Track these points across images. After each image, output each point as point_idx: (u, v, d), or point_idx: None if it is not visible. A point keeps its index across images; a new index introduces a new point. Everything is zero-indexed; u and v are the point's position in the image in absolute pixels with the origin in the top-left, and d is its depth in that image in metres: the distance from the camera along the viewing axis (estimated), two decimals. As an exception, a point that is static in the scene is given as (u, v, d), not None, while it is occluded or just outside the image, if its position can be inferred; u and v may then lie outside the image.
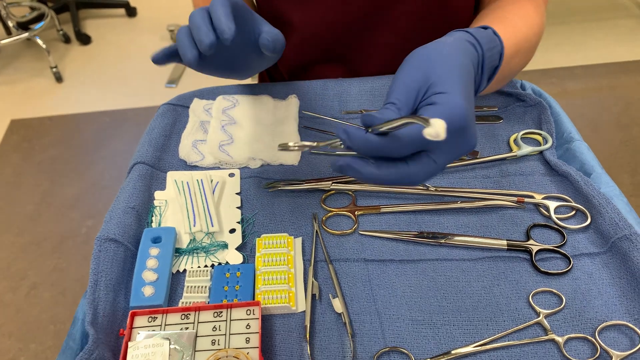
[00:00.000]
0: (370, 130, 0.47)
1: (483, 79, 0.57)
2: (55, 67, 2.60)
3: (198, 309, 0.54)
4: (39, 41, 2.61)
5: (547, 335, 0.53)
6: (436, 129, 0.40)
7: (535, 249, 0.60)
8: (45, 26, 2.70)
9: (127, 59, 2.78)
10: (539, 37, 0.72)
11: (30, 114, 2.45)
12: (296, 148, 0.53)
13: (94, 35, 2.95)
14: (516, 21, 0.68)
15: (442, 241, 0.62)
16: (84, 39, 2.88)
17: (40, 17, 2.76)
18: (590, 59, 2.57)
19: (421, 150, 0.48)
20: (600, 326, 0.53)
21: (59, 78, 2.62)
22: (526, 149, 0.71)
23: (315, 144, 0.53)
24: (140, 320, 0.54)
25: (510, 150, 0.72)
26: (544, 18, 0.74)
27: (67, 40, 2.89)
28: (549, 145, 0.71)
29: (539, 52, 0.76)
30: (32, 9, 2.87)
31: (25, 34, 2.60)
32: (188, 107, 0.80)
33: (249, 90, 0.82)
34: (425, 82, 0.49)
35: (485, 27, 0.60)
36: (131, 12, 3.09)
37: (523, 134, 0.73)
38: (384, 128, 0.45)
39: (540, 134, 0.73)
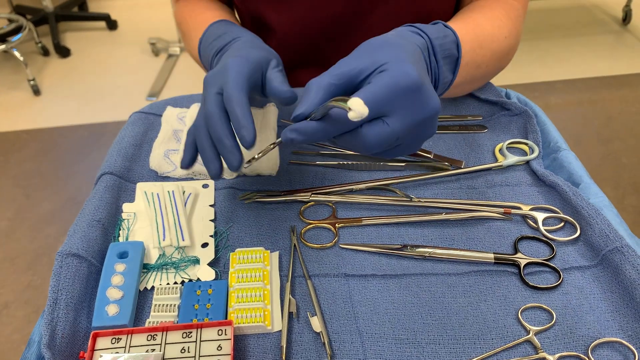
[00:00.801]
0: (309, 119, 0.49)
1: (440, 66, 0.57)
2: (33, 79, 2.55)
3: (165, 329, 0.51)
4: (17, 53, 2.56)
5: (537, 353, 0.50)
6: (356, 109, 0.41)
7: (523, 262, 0.58)
8: (23, 38, 2.65)
9: (108, 72, 2.74)
10: (511, 41, 0.71)
11: (6, 128, 2.39)
12: (260, 155, 0.54)
13: (73, 48, 2.91)
14: (479, 19, 0.67)
15: (427, 255, 0.59)
16: (63, 52, 2.83)
17: (18, 30, 2.71)
18: (571, 74, 2.60)
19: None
20: (593, 343, 0.50)
21: (36, 91, 2.57)
22: (512, 158, 0.69)
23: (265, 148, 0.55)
24: (102, 342, 0.50)
25: (496, 160, 0.70)
26: (518, 24, 0.72)
27: (45, 52, 2.85)
28: (535, 155, 0.69)
29: (521, 66, 0.75)
30: (10, 21, 2.82)
31: (2, 46, 2.56)
32: (160, 116, 0.76)
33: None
34: (372, 63, 0.49)
35: (434, 23, 0.61)
36: (112, 25, 3.06)
37: (509, 144, 0.71)
38: (319, 114, 0.46)
39: (526, 144, 0.71)
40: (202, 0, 0.82)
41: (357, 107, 0.41)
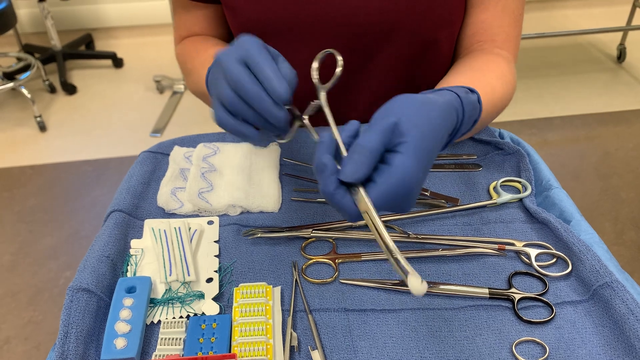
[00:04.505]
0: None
1: (449, 141, 0.59)
2: (40, 116, 2.60)
3: (171, 362, 0.52)
4: (24, 91, 2.62)
5: (531, 386, 0.52)
6: (415, 290, 0.44)
7: (517, 297, 0.59)
8: (31, 76, 2.72)
9: (113, 109, 2.79)
10: (512, 95, 0.75)
11: (11, 163, 2.43)
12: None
13: (79, 86, 2.97)
14: (495, 83, 0.70)
15: (424, 290, 0.61)
16: (70, 89, 2.89)
17: (26, 68, 2.78)
18: (568, 110, 2.64)
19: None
20: (585, 377, 0.52)
21: (42, 127, 2.62)
22: (506, 196, 0.71)
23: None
24: (110, 375, 0.52)
25: (490, 197, 0.73)
26: (515, 77, 0.77)
27: (52, 90, 2.91)
28: (528, 192, 0.71)
29: (520, 103, 0.79)
30: (19, 59, 2.90)
31: (10, 84, 2.62)
32: (168, 155, 0.79)
33: (230, 138, 0.82)
34: (398, 135, 0.49)
35: (472, 90, 0.62)
36: (118, 63, 3.13)
37: (502, 182, 0.74)
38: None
39: (519, 182, 0.74)
40: (206, 41, 0.86)
41: (415, 288, 0.44)
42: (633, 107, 2.66)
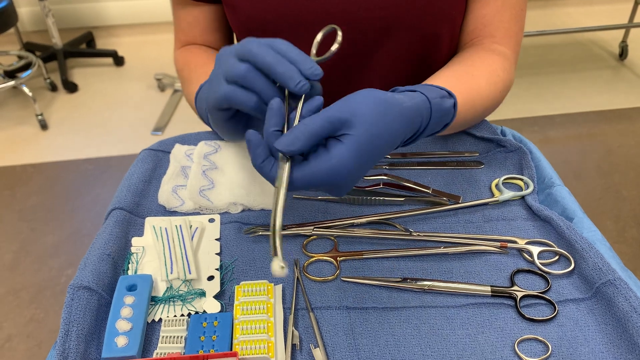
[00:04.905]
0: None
1: (414, 139, 0.59)
2: (41, 114, 2.60)
3: (172, 360, 0.52)
4: (25, 89, 2.62)
5: (534, 384, 0.52)
6: (275, 272, 0.49)
7: (519, 295, 0.59)
8: (33, 74, 2.72)
9: (114, 107, 2.79)
10: (504, 93, 0.75)
11: (13, 162, 2.43)
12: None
13: (81, 84, 2.97)
14: (481, 83, 0.71)
15: (426, 287, 0.61)
16: (71, 87, 2.89)
17: (27, 66, 2.78)
18: (569, 108, 2.64)
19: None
20: (588, 375, 0.52)
21: (44, 126, 2.62)
22: (508, 194, 0.71)
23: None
24: (111, 373, 0.52)
25: (492, 195, 0.72)
26: (512, 74, 0.77)
27: (53, 88, 2.91)
28: (530, 190, 0.71)
29: (521, 101, 0.79)
30: (20, 57, 2.90)
31: (12, 82, 2.62)
32: (169, 153, 0.79)
33: (231, 136, 0.82)
34: (347, 126, 0.50)
35: (450, 94, 0.63)
36: (119, 61, 3.13)
37: (504, 179, 0.73)
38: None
39: (521, 179, 0.73)
40: (206, 52, 0.85)
41: (275, 270, 0.49)
42: (635, 104, 2.66)
